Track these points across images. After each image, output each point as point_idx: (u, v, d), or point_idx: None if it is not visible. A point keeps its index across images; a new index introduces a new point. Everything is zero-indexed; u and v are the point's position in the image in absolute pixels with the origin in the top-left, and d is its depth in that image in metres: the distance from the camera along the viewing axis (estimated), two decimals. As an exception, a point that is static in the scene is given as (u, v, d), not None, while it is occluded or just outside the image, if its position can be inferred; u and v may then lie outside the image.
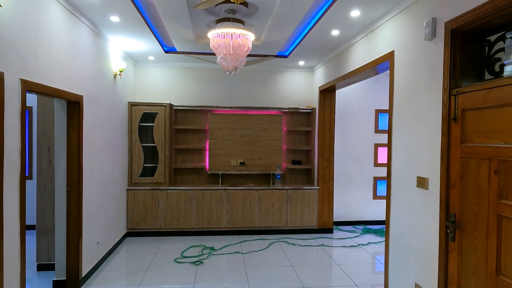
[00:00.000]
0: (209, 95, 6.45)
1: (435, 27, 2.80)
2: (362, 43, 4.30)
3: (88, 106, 4.06)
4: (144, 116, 5.88)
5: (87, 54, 4.02)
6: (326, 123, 6.13)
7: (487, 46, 2.56)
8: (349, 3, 3.38)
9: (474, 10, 2.35)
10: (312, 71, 6.63)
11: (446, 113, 2.64)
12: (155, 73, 6.36)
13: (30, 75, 2.83)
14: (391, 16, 3.50)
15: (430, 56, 2.87)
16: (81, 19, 3.76)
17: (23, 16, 2.73)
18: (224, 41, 3.58)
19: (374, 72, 4.39)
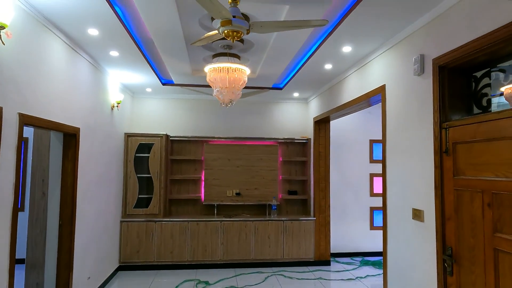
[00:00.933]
0: (205, 126, 6.52)
1: (423, 63, 2.91)
2: (354, 76, 4.43)
3: (85, 138, 4.08)
4: (140, 146, 5.89)
5: (86, 87, 4.10)
6: (321, 153, 6.18)
7: (474, 82, 2.66)
8: (340, 40, 3.52)
9: (460, 48, 2.46)
10: (306, 102, 6.77)
11: (438, 146, 2.69)
12: (152, 104, 6.45)
13: (29, 108, 2.87)
14: (381, 52, 3.64)
15: (420, 90, 2.96)
16: (81, 54, 3.86)
17: (24, 52, 2.80)
18: (220, 75, 3.67)
19: (367, 104, 4.49)
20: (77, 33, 3.38)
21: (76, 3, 2.76)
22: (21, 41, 2.74)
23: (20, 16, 2.70)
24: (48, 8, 2.85)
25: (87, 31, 3.33)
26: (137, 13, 3.07)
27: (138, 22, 3.27)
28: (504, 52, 2.32)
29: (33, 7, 2.81)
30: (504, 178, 2.10)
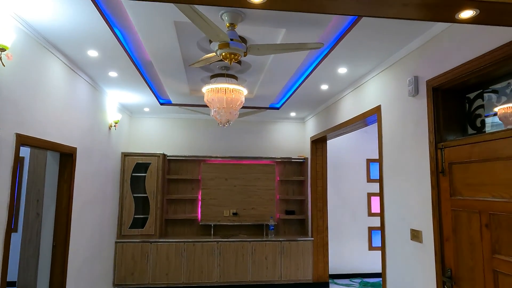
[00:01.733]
0: (203, 145, 6.52)
1: (417, 85, 2.96)
2: (350, 96, 4.49)
3: (81, 157, 4.07)
4: (137, 166, 5.87)
5: (84, 107, 4.12)
6: (319, 172, 6.17)
7: (467, 103, 2.71)
8: (336, 61, 3.59)
9: (452, 70, 2.52)
10: (303, 122, 6.82)
11: (434, 166, 2.71)
12: (149, 123, 6.47)
13: (26, 129, 2.88)
14: (376, 73, 3.71)
15: (415, 111, 3.00)
16: (80, 75, 3.90)
17: (24, 72, 2.83)
18: (218, 95, 3.71)
19: (363, 124, 4.53)
20: (77, 54, 3.43)
21: (77, 25, 2.81)
22: (21, 62, 2.78)
23: (21, 37, 2.75)
24: (49, 30, 2.91)
25: (87, 52, 3.38)
26: (137, 35, 3.13)
27: (137, 44, 3.33)
28: (495, 75, 2.37)
29: (34, 29, 2.86)
30: (500, 199, 2.11)
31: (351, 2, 1.25)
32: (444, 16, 1.36)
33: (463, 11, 1.32)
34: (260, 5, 1.28)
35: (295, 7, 1.29)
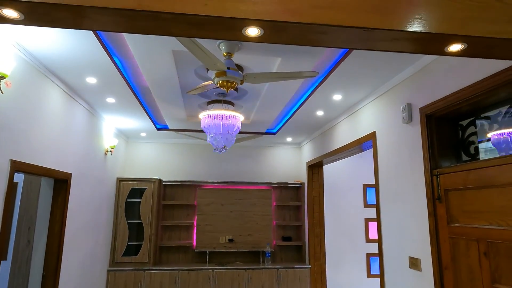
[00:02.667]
0: (199, 170, 6.50)
1: (411, 112, 3.01)
2: (346, 122, 4.55)
3: (76, 183, 4.03)
4: (132, 191, 5.81)
5: (81, 133, 4.12)
6: (315, 198, 6.13)
7: (461, 130, 2.75)
8: (331, 88, 3.66)
9: (445, 98, 2.57)
10: (299, 147, 6.85)
11: (430, 193, 2.71)
12: (146, 148, 6.47)
13: (21, 155, 2.86)
14: (371, 100, 3.78)
15: (410, 138, 3.04)
16: (78, 101, 3.94)
17: (22, 99, 2.85)
18: (214, 122, 3.74)
19: (359, 150, 4.56)
20: (75, 81, 3.48)
21: (77, 54, 2.87)
22: (19, 89, 2.80)
23: (20, 65, 2.79)
24: (49, 58, 2.96)
25: (86, 79, 3.43)
26: (135, 62, 3.19)
27: (135, 70, 3.39)
28: (487, 102, 2.43)
29: (34, 57, 2.91)
30: (498, 227, 2.10)
31: (344, 36, 1.30)
32: (434, 49, 1.40)
33: (451, 45, 1.37)
34: (256, 39, 1.32)
35: (290, 41, 1.33)
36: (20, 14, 1.16)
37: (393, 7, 1.27)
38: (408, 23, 1.27)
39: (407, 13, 1.28)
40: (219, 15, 1.17)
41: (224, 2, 1.18)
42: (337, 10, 1.23)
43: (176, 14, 1.16)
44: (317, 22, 1.21)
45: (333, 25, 1.23)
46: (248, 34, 1.28)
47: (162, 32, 1.28)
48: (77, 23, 1.23)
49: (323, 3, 1.23)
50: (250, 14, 1.19)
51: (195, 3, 1.16)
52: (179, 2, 1.16)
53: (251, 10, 1.19)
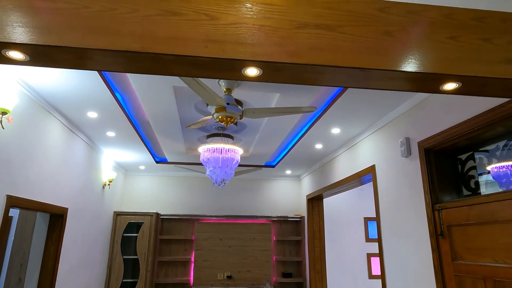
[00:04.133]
0: (197, 204, 6.42)
1: (410, 146, 3.03)
2: (345, 156, 4.55)
3: (72, 218, 3.96)
4: (128, 226, 5.70)
5: (79, 166, 4.11)
6: (316, 232, 6.01)
7: (460, 164, 2.75)
8: (329, 122, 3.70)
9: (442, 133, 2.59)
10: (299, 180, 6.81)
11: (432, 228, 2.66)
12: (144, 181, 6.42)
13: (18, 190, 2.83)
14: (369, 134, 3.81)
15: (409, 171, 3.03)
16: (78, 135, 3.96)
17: (22, 134, 2.87)
18: (213, 155, 3.75)
19: (359, 183, 4.53)
20: (76, 115, 3.51)
21: (79, 89, 2.92)
22: (20, 124, 2.83)
23: (23, 100, 2.83)
24: (52, 94, 3.01)
25: (87, 114, 3.47)
26: (136, 98, 3.24)
27: (136, 105, 3.44)
28: (484, 137, 2.44)
29: (37, 93, 2.96)
30: (503, 264, 2.04)
31: (341, 76, 1.33)
32: (429, 88, 1.44)
33: (446, 84, 1.40)
34: (255, 79, 1.35)
35: (288, 80, 1.36)
36: (25, 55, 1.20)
37: (387, 48, 1.31)
38: (402, 64, 1.31)
39: (401, 54, 1.32)
40: (219, 56, 1.21)
41: (223, 44, 1.22)
42: (333, 51, 1.27)
43: (178, 56, 1.19)
44: (314, 63, 1.25)
45: (329, 65, 1.26)
46: (247, 74, 1.32)
47: (164, 73, 1.31)
48: (80, 64, 1.26)
49: (319, 45, 1.27)
50: (249, 56, 1.22)
51: (196, 45, 1.20)
52: (181, 45, 1.19)
53: (250, 51, 1.23)
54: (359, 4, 1.35)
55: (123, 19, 1.19)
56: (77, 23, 1.16)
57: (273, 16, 1.28)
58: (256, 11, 1.28)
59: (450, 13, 1.40)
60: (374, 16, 1.35)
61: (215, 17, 1.24)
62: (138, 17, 1.20)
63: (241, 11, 1.27)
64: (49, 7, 1.16)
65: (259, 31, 1.25)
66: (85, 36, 1.15)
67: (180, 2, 1.24)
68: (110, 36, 1.16)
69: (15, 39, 1.12)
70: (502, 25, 1.42)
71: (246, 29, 1.25)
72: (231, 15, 1.26)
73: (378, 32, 1.33)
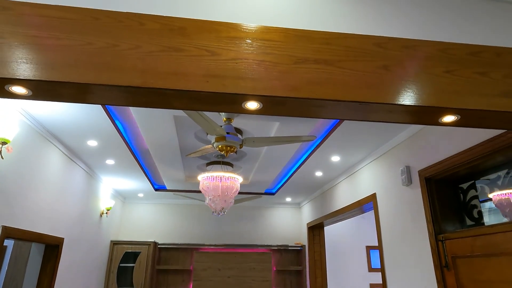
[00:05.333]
0: (196, 232, 6.30)
1: (410, 175, 3.01)
2: (345, 183, 4.52)
3: (68, 248, 3.87)
4: (125, 255, 5.56)
5: (77, 195, 4.06)
6: (317, 261, 5.86)
7: (462, 193, 2.72)
8: (329, 150, 3.70)
9: (442, 162, 2.59)
10: (299, 207, 6.72)
11: (437, 260, 2.59)
12: (142, 209, 6.34)
13: (13, 220, 2.79)
14: (369, 161, 3.80)
15: (411, 200, 2.99)
16: (77, 163, 3.95)
17: (21, 163, 2.86)
18: (213, 183, 3.72)
19: (360, 211, 4.47)
20: (76, 144, 3.52)
21: (80, 118, 2.94)
22: (20, 153, 2.82)
23: (23, 129, 2.84)
24: (52, 123, 3.02)
25: (87, 142, 3.47)
26: (136, 126, 3.26)
27: (136, 134, 3.45)
28: (485, 166, 2.43)
29: (38, 122, 2.97)
30: (512, 299, 1.97)
31: (340, 109, 1.34)
32: (428, 120, 1.45)
33: (445, 116, 1.41)
34: (256, 112, 1.36)
35: (288, 113, 1.37)
36: (28, 90, 1.21)
37: (385, 82, 1.33)
38: (400, 97, 1.32)
39: (399, 87, 1.34)
40: (220, 91, 1.22)
41: (224, 79, 1.24)
42: (332, 86, 1.29)
43: (179, 90, 1.20)
44: (313, 97, 1.26)
45: (329, 99, 1.28)
46: (248, 107, 1.33)
47: (165, 106, 1.32)
48: (82, 99, 1.27)
49: (318, 79, 1.29)
50: (249, 90, 1.24)
51: (197, 80, 1.22)
52: (182, 80, 1.21)
53: (250, 86, 1.24)
54: (357, 39, 1.39)
55: (125, 55, 1.22)
56: (80, 59, 1.18)
57: (273, 51, 1.31)
58: (256, 47, 1.31)
59: (446, 47, 1.43)
60: (372, 51, 1.38)
61: (216, 52, 1.27)
62: (140, 53, 1.22)
63: (241, 47, 1.29)
64: (54, 44, 1.19)
65: (259, 66, 1.28)
66: (88, 72, 1.17)
67: (181, 39, 1.27)
68: (113, 71, 1.18)
69: (19, 75, 1.14)
70: (497, 59, 1.45)
71: (247, 64, 1.27)
72: (231, 51, 1.28)
73: (376, 66, 1.35)
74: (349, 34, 1.39)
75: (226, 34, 1.30)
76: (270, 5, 1.43)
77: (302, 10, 1.45)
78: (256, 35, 1.32)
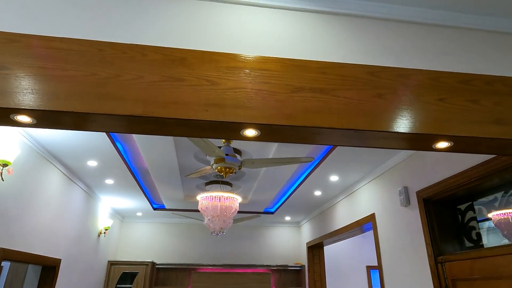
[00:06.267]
0: (194, 252, 6.23)
1: (408, 195, 3.02)
2: (344, 203, 4.52)
3: (64, 270, 3.83)
4: (123, 276, 5.49)
5: (76, 215, 4.05)
6: (317, 281, 5.78)
7: (460, 214, 2.73)
8: (327, 171, 3.72)
9: (439, 183, 2.61)
10: (298, 226, 6.68)
11: (437, 283, 2.58)
12: (141, 229, 6.29)
13: (12, 243, 2.77)
14: (367, 181, 3.82)
15: (410, 221, 3.00)
16: (76, 183, 3.95)
17: (21, 185, 2.87)
18: (212, 204, 3.71)
19: (360, 231, 4.46)
20: (76, 164, 3.54)
21: (80, 140, 2.97)
22: (20, 175, 2.84)
23: (24, 151, 2.86)
24: (53, 144, 3.05)
25: (87, 162, 3.49)
26: (136, 147, 3.29)
27: (136, 154, 3.48)
28: (482, 187, 2.45)
29: (38, 143, 3.00)
30: (513, 324, 1.96)
31: (336, 136, 1.38)
32: (422, 146, 1.48)
33: (438, 143, 1.45)
34: (253, 139, 1.39)
35: (285, 140, 1.41)
36: (32, 119, 1.24)
37: (380, 110, 1.37)
38: (395, 125, 1.36)
39: (393, 115, 1.38)
40: (219, 120, 1.26)
41: (223, 108, 1.27)
42: (328, 114, 1.33)
43: (179, 119, 1.24)
44: (309, 125, 1.30)
45: (324, 127, 1.31)
46: (246, 134, 1.36)
47: (165, 134, 1.35)
48: (84, 126, 1.31)
49: (315, 108, 1.33)
50: (248, 119, 1.27)
51: (197, 109, 1.26)
52: (182, 109, 1.25)
53: (248, 115, 1.28)
54: (352, 68, 1.44)
55: (128, 85, 1.26)
56: (84, 90, 1.22)
57: (270, 80, 1.35)
58: (254, 76, 1.35)
59: (438, 76, 1.48)
60: (366, 79, 1.43)
61: (215, 82, 1.31)
62: (142, 83, 1.27)
63: (240, 76, 1.34)
64: (59, 74, 1.23)
65: (257, 95, 1.32)
66: (91, 102, 1.21)
67: (182, 69, 1.32)
68: (115, 101, 1.22)
69: (24, 105, 1.17)
70: (488, 87, 1.49)
71: (245, 93, 1.31)
72: (230, 80, 1.33)
73: (370, 95, 1.40)
74: (344, 64, 1.44)
75: (225, 64, 1.35)
76: (267, 35, 1.49)
77: (298, 40, 1.50)
78: (254, 65, 1.37)
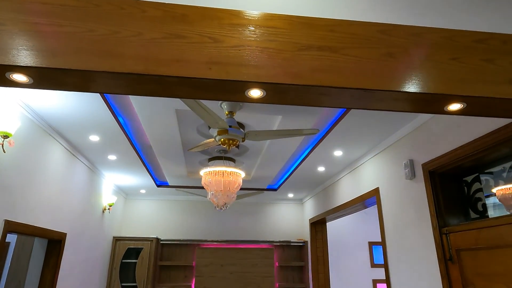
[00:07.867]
0: (198, 228, 6.30)
1: (414, 168, 2.99)
2: (348, 178, 4.50)
3: (70, 244, 3.87)
4: (128, 251, 5.57)
5: (80, 191, 4.06)
6: (320, 257, 5.86)
7: (466, 186, 2.70)
8: (331, 145, 3.68)
9: (446, 154, 2.57)
10: (301, 203, 6.71)
11: (441, 253, 2.58)
12: (144, 206, 6.34)
13: (16, 215, 2.79)
14: (372, 156, 3.78)
15: (414, 194, 2.98)
16: (79, 158, 3.94)
17: (24, 158, 2.85)
18: (215, 178, 3.71)
19: (363, 206, 4.46)
20: (78, 139, 3.51)
21: (82, 113, 2.93)
22: (22, 148, 2.82)
23: (25, 124, 2.83)
24: (54, 117, 3.02)
25: (89, 137, 3.46)
26: (138, 121, 3.25)
27: (138, 129, 3.44)
28: (490, 158, 2.41)
29: (39, 116, 2.97)
30: (517, 291, 1.96)
31: (344, 97, 1.33)
32: (433, 109, 1.43)
33: (451, 105, 1.39)
34: (259, 100, 1.34)
35: (291, 102, 1.36)
36: (29, 78, 1.20)
37: (390, 69, 1.32)
38: (406, 84, 1.30)
39: (404, 75, 1.32)
40: (223, 78, 1.21)
41: (227, 66, 1.22)
42: (336, 73, 1.27)
43: (181, 78, 1.19)
44: (317, 84, 1.25)
45: (333, 86, 1.26)
46: (251, 95, 1.31)
47: (167, 95, 1.31)
48: (84, 87, 1.26)
49: (322, 66, 1.27)
50: (252, 77, 1.22)
51: (200, 67, 1.20)
52: (184, 67, 1.20)
53: (253, 73, 1.23)
54: (361, 26, 1.37)
55: (127, 42, 1.20)
56: (82, 46, 1.17)
57: (276, 38, 1.29)
58: (259, 34, 1.29)
59: (452, 35, 1.41)
60: (376, 38, 1.36)
61: (218, 39, 1.25)
62: (142, 40, 1.21)
63: (244, 34, 1.28)
64: (55, 31, 1.18)
65: (262, 53, 1.26)
66: (90, 59, 1.16)
67: (184, 26, 1.26)
68: (114, 58, 1.17)
69: (19, 62, 1.12)
70: (504, 46, 1.43)
71: (249, 51, 1.25)
72: (234, 38, 1.27)
73: (381, 53, 1.33)
74: (354, 21, 1.37)
75: (228, 21, 1.29)
76: (273, -8, 1.41)
77: (306, -2, 1.43)
78: (259, 22, 1.30)
